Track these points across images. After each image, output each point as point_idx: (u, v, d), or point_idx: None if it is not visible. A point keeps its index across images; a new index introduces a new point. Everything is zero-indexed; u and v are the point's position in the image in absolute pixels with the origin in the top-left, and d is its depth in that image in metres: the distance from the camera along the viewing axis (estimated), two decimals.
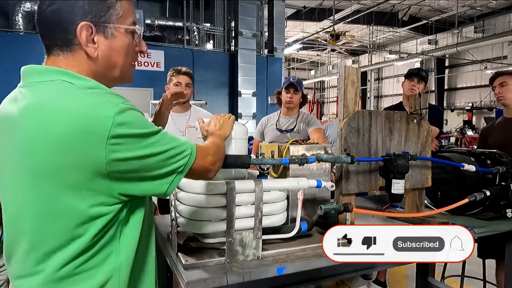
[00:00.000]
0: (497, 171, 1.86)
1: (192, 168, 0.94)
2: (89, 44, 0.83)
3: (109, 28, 0.85)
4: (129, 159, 0.79)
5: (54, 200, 0.79)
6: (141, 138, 0.80)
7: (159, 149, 0.84)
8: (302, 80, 16.52)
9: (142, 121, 0.83)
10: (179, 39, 9.33)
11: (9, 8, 7.49)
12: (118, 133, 0.76)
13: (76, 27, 0.81)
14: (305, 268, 1.33)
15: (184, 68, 2.70)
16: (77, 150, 0.76)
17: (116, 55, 0.88)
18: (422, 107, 1.81)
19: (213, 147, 1.09)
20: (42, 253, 0.82)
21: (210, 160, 1.01)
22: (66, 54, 0.85)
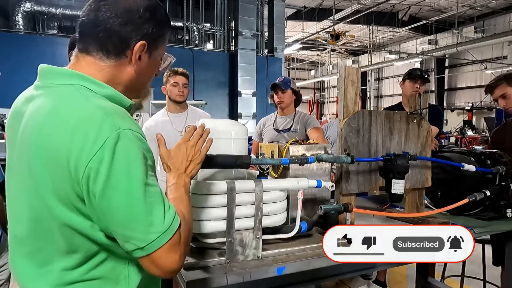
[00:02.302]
0: (497, 171, 1.86)
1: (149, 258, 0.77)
2: (135, 61, 0.87)
3: (155, 52, 0.90)
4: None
5: (49, 212, 0.78)
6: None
7: (126, 205, 0.74)
8: (302, 80, 16.42)
9: (128, 161, 0.75)
10: (179, 39, 9.34)
11: (9, 8, 7.50)
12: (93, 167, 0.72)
13: (135, 43, 0.84)
14: (305, 268, 1.33)
15: (180, 69, 2.75)
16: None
17: (147, 75, 0.94)
18: (422, 107, 1.81)
19: (183, 227, 0.82)
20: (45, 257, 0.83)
21: (175, 258, 0.79)
22: (110, 61, 0.85)
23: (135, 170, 0.75)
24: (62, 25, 8.38)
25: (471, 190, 1.80)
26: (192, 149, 1.00)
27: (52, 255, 0.83)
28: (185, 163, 0.98)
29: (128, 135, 0.75)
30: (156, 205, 0.77)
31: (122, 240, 0.77)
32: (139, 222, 0.75)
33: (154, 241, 0.76)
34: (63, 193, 0.76)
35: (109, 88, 0.85)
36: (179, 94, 2.70)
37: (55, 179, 0.75)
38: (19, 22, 7.41)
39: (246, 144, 1.45)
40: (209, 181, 1.24)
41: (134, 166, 0.75)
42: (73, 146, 0.72)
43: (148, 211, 0.76)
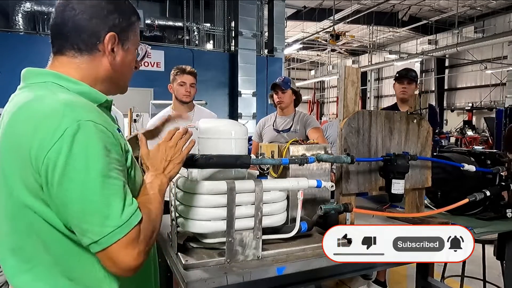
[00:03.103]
0: (497, 171, 1.86)
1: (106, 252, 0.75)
2: (110, 54, 0.90)
3: (127, 42, 0.93)
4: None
5: (19, 202, 0.79)
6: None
7: (78, 195, 0.73)
8: (302, 80, 16.41)
9: (86, 152, 0.74)
10: (179, 39, 9.34)
11: (9, 8, 7.50)
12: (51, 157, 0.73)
13: (105, 35, 0.87)
14: (305, 268, 1.33)
15: (188, 67, 2.64)
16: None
17: (125, 67, 0.95)
18: (422, 107, 1.82)
19: (146, 224, 0.80)
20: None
21: (132, 254, 0.76)
22: (83, 57, 0.88)
23: (94, 162, 0.74)
24: None
25: (471, 190, 1.79)
26: (171, 149, 0.99)
27: (33, 251, 0.82)
28: (164, 163, 0.97)
29: (89, 127, 0.75)
30: (115, 198, 0.76)
31: (79, 234, 0.76)
32: (95, 215, 0.74)
33: (109, 235, 0.74)
34: (30, 185, 0.77)
35: (83, 85, 0.87)
36: (186, 94, 2.60)
37: (22, 171, 0.76)
38: (19, 22, 7.41)
39: (246, 144, 1.45)
40: (209, 181, 1.24)
41: (92, 158, 0.74)
42: (35, 138, 0.74)
43: (104, 204, 0.74)
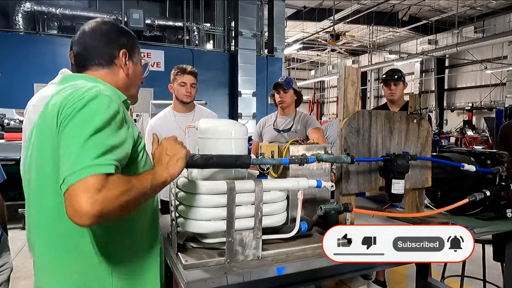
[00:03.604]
0: (497, 171, 1.86)
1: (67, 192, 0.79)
2: (124, 66, 1.14)
3: (134, 57, 1.18)
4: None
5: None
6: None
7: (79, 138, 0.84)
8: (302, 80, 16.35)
9: (91, 114, 0.88)
10: (179, 39, 9.33)
11: (9, 8, 7.50)
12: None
13: (119, 52, 1.13)
14: (305, 268, 1.33)
15: (189, 67, 2.61)
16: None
17: (135, 77, 1.19)
18: (422, 107, 1.81)
19: (116, 185, 0.83)
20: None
21: (87, 201, 0.77)
22: (104, 70, 1.12)
23: (92, 123, 0.85)
24: (62, 25, 8.35)
25: (471, 190, 1.80)
26: (173, 145, 1.05)
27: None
28: (166, 158, 1.02)
29: (105, 98, 0.92)
30: (94, 150, 0.82)
31: (60, 181, 0.82)
32: (71, 157, 0.82)
33: (75, 173, 0.79)
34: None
35: (111, 86, 1.08)
36: (186, 94, 2.56)
37: (52, 146, 0.90)
38: (19, 22, 7.40)
39: (246, 144, 1.45)
40: (209, 181, 1.24)
41: (93, 120, 0.86)
42: (64, 100, 0.91)
43: (82, 152, 0.82)
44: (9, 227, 1.96)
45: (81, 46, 1.12)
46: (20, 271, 3.39)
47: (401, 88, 3.02)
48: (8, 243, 1.87)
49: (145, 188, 0.91)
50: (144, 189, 0.91)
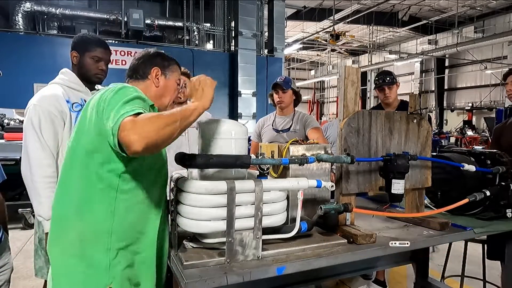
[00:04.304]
0: (497, 171, 1.86)
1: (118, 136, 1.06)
2: (155, 80, 1.43)
3: (168, 74, 1.47)
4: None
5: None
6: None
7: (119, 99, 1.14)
8: (302, 80, 16.30)
9: (124, 93, 1.17)
10: (179, 39, 9.33)
11: (9, 8, 7.50)
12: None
13: (151, 69, 1.43)
14: (305, 268, 1.33)
15: (182, 68, 2.66)
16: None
17: (167, 90, 1.47)
18: (422, 107, 1.81)
19: (152, 118, 1.07)
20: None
21: (131, 137, 1.03)
22: (140, 82, 1.43)
23: (125, 99, 1.12)
24: (62, 25, 8.35)
25: (471, 190, 1.80)
26: (202, 80, 1.32)
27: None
28: (199, 91, 1.28)
29: (130, 88, 1.23)
30: (128, 106, 1.10)
31: (109, 140, 1.10)
32: (112, 113, 1.09)
33: (117, 119, 1.06)
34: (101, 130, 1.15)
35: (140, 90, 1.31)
36: (179, 96, 2.63)
37: (96, 122, 1.17)
38: (19, 22, 7.40)
39: (246, 144, 1.45)
40: (209, 181, 1.24)
41: (125, 97, 1.13)
42: (104, 93, 1.20)
43: (120, 108, 1.09)
44: (9, 227, 1.96)
45: (131, 65, 1.48)
46: (20, 271, 3.39)
47: (395, 90, 3.02)
48: (9, 243, 1.87)
49: (175, 115, 1.10)
50: (174, 115, 1.10)
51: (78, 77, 1.94)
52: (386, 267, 2.74)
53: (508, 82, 2.57)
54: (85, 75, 1.95)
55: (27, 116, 1.80)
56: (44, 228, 1.74)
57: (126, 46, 7.63)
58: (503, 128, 2.69)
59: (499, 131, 2.73)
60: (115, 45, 7.39)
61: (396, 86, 3.04)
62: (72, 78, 1.93)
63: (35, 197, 1.73)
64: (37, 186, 1.72)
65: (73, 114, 1.85)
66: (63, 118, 1.82)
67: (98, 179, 1.18)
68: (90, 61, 1.93)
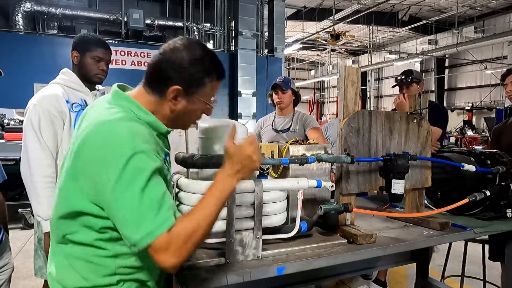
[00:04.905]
0: (497, 171, 1.86)
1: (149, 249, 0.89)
2: (172, 101, 1.05)
3: (194, 95, 1.06)
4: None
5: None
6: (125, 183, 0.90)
7: (129, 202, 0.89)
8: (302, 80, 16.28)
9: (134, 174, 0.90)
10: None
11: (9, 8, 7.50)
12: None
13: (171, 87, 1.02)
14: (305, 268, 1.33)
15: None
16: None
17: (188, 115, 1.10)
18: (422, 107, 1.81)
19: (196, 230, 0.91)
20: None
21: (165, 255, 0.88)
22: (153, 96, 1.06)
23: (139, 182, 0.89)
24: (62, 25, 8.34)
25: (471, 190, 1.80)
26: (251, 155, 1.04)
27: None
28: (239, 166, 1.03)
29: (142, 156, 0.92)
30: (151, 208, 0.89)
31: (122, 236, 0.93)
32: (130, 223, 0.89)
33: (142, 239, 0.88)
34: (89, 192, 0.95)
35: (151, 116, 1.05)
36: None
37: (85, 181, 0.95)
38: (19, 22, 7.39)
39: None
40: (209, 181, 1.24)
41: (139, 179, 0.89)
42: (104, 164, 0.91)
43: (140, 215, 0.88)
44: (9, 227, 1.97)
45: (155, 58, 1.06)
46: (20, 271, 3.39)
47: (413, 90, 2.89)
48: (9, 243, 1.87)
49: (208, 211, 0.96)
50: (208, 212, 0.96)
51: (78, 77, 1.94)
52: (386, 267, 2.75)
53: (508, 83, 2.58)
54: (85, 75, 1.94)
55: (27, 116, 1.80)
56: (43, 228, 1.74)
57: (126, 46, 7.62)
58: (503, 128, 2.69)
59: (499, 131, 2.73)
60: (115, 45, 7.39)
61: (415, 86, 2.93)
62: (72, 78, 1.93)
63: (34, 197, 1.73)
64: (36, 186, 1.72)
65: (73, 114, 1.85)
66: (63, 118, 1.82)
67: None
68: (90, 61, 1.93)
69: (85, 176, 0.95)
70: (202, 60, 1.05)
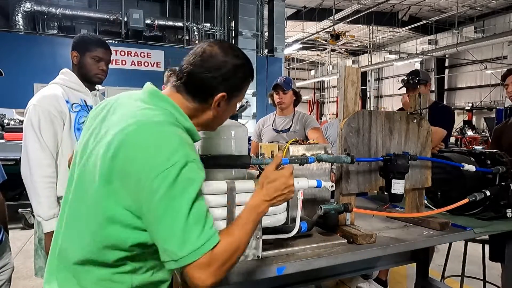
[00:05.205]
0: (497, 171, 1.86)
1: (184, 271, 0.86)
2: (216, 108, 1.04)
3: (234, 99, 1.07)
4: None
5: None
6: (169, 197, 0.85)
7: (171, 218, 0.84)
8: (302, 80, 16.28)
9: (186, 184, 0.86)
10: (179, 39, 9.33)
11: (9, 8, 7.50)
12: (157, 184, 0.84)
13: (217, 93, 1.01)
14: (305, 268, 1.33)
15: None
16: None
17: (223, 118, 1.12)
18: (422, 107, 1.81)
19: (222, 249, 0.88)
20: None
21: (202, 276, 0.85)
22: (194, 104, 1.03)
23: (189, 194, 0.85)
24: (62, 25, 8.34)
25: (471, 190, 1.80)
26: (288, 186, 1.04)
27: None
28: (276, 193, 1.02)
29: (194, 165, 0.88)
30: (196, 226, 0.85)
31: (161, 251, 0.87)
32: (175, 238, 0.84)
33: (184, 258, 0.84)
34: (125, 199, 0.88)
35: (190, 122, 1.02)
36: None
37: (123, 187, 0.87)
38: (19, 22, 7.40)
39: (246, 144, 1.45)
40: (209, 181, 1.24)
41: (189, 191, 0.86)
42: (148, 163, 0.85)
43: (186, 230, 0.84)
44: (9, 227, 1.97)
45: (190, 66, 1.01)
46: (20, 271, 3.39)
47: (422, 90, 2.86)
48: (9, 243, 1.87)
49: (246, 232, 0.95)
50: (246, 233, 0.95)
51: (78, 77, 1.94)
52: (386, 267, 2.75)
53: (508, 83, 2.57)
54: (85, 75, 1.94)
55: (27, 116, 1.80)
56: (44, 228, 1.74)
57: (126, 46, 7.63)
58: (504, 128, 2.69)
59: (499, 131, 2.73)
60: (115, 45, 7.39)
61: (422, 88, 2.90)
62: (72, 78, 1.93)
63: (35, 197, 1.73)
64: (36, 186, 1.72)
65: (73, 115, 1.85)
66: (63, 118, 1.82)
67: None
68: (90, 61, 1.93)
69: (123, 178, 0.87)
70: (243, 66, 1.05)
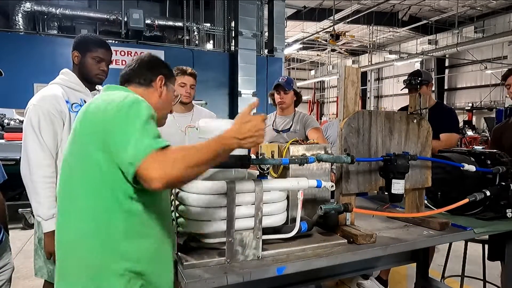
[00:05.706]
0: (497, 171, 1.86)
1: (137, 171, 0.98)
2: (159, 88, 1.33)
3: (169, 85, 1.37)
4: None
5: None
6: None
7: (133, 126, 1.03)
8: (302, 80, 16.28)
9: (138, 108, 1.08)
10: (179, 39, 9.33)
11: (9, 8, 7.50)
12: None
13: (157, 77, 1.32)
14: (305, 268, 1.33)
15: (189, 69, 2.64)
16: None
17: (166, 101, 1.36)
18: (422, 107, 1.81)
19: (185, 157, 0.98)
20: None
21: (158, 170, 0.95)
22: (142, 88, 1.31)
23: (141, 116, 1.04)
24: (62, 25, 8.34)
25: (471, 190, 1.80)
26: (261, 130, 1.13)
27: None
28: (249, 133, 1.09)
29: (144, 102, 1.12)
30: (148, 137, 1.01)
31: (122, 166, 1.02)
32: (131, 144, 0.99)
33: (140, 152, 0.97)
34: (99, 143, 1.06)
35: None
36: (186, 95, 2.59)
37: (93, 136, 1.07)
38: (19, 22, 7.40)
39: None
40: (209, 181, 1.24)
41: (141, 114, 1.05)
42: (107, 106, 1.09)
43: (139, 139, 0.99)
44: (10, 227, 1.97)
45: (129, 67, 1.35)
46: (20, 271, 3.39)
47: (424, 91, 2.83)
48: (10, 243, 1.87)
49: (206, 150, 1.03)
50: (206, 151, 1.02)
51: (78, 77, 1.94)
52: (386, 267, 2.75)
53: (510, 83, 2.57)
54: (86, 75, 1.95)
55: (26, 116, 1.80)
56: (43, 228, 1.74)
57: (126, 46, 7.63)
58: (504, 128, 2.69)
59: (500, 131, 2.73)
60: (115, 45, 7.39)
61: (424, 88, 2.87)
62: (72, 79, 1.93)
63: (34, 197, 1.73)
64: (36, 186, 1.72)
65: (73, 115, 1.85)
66: (63, 118, 1.82)
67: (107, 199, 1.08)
68: (91, 61, 1.93)
69: (91, 126, 1.09)
70: (160, 58, 1.42)
